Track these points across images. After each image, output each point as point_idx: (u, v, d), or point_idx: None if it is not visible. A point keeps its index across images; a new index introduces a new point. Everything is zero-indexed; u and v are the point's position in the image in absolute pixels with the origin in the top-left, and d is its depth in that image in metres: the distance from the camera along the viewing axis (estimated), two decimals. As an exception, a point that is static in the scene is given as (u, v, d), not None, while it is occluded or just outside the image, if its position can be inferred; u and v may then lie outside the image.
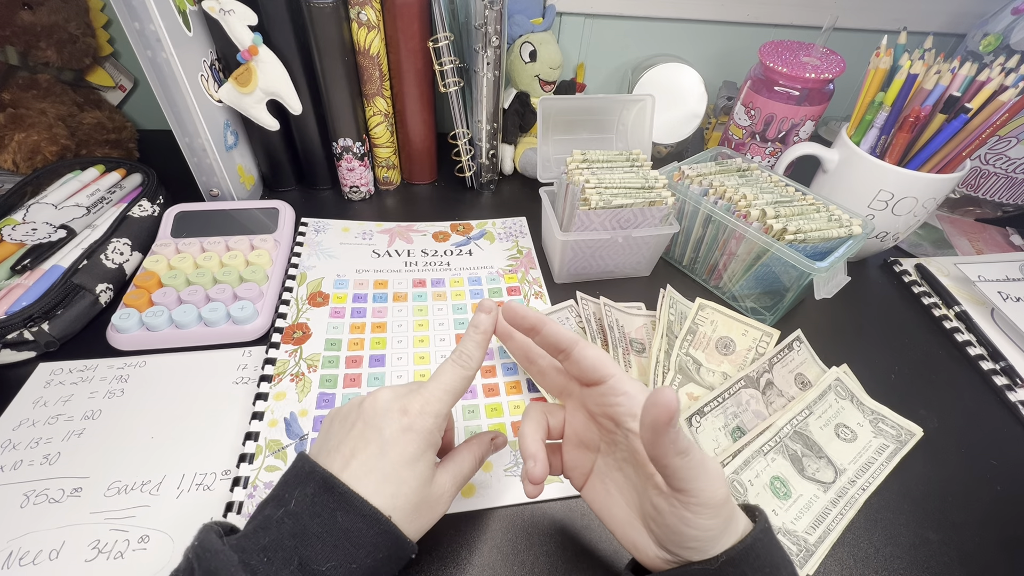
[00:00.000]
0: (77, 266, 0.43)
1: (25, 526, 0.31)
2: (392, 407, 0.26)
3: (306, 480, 0.25)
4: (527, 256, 0.55)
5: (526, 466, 0.28)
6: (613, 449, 0.28)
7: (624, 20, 0.69)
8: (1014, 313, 0.49)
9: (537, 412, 0.30)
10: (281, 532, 0.23)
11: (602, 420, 0.28)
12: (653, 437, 0.22)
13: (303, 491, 0.24)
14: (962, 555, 0.35)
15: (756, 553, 0.24)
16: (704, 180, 0.51)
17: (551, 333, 0.28)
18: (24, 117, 0.52)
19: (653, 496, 0.25)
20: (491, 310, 0.29)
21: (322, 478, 0.24)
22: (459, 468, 0.29)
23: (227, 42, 0.48)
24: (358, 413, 0.27)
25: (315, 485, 0.24)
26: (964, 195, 0.65)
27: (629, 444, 0.26)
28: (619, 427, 0.27)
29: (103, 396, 0.39)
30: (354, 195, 0.60)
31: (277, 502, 0.24)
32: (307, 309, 0.46)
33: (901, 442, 0.41)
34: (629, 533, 0.27)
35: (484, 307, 0.29)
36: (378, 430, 0.26)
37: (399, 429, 0.26)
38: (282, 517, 0.24)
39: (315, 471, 0.25)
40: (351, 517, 0.24)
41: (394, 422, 0.26)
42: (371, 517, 0.24)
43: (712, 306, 0.47)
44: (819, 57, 0.57)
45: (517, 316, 0.29)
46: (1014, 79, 0.44)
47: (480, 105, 0.56)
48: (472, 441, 0.31)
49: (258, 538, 0.23)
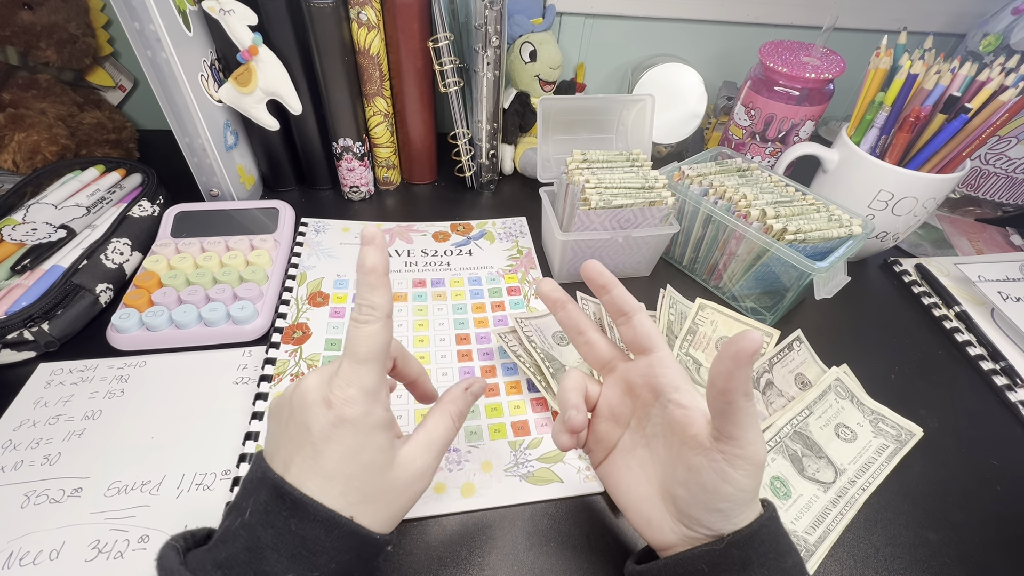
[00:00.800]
0: (77, 266, 0.43)
1: (25, 526, 0.31)
2: (315, 399, 0.23)
3: (259, 486, 0.23)
4: (527, 256, 0.55)
5: (567, 415, 0.28)
6: (644, 424, 0.29)
7: (624, 20, 0.69)
8: (1014, 313, 0.49)
9: (579, 375, 0.30)
10: (237, 546, 0.22)
11: (642, 392, 0.29)
12: (733, 368, 0.22)
13: (257, 499, 0.23)
14: (962, 555, 0.35)
15: (762, 538, 0.25)
16: (704, 180, 0.51)
17: (620, 295, 0.29)
18: (24, 117, 0.52)
19: (690, 457, 0.26)
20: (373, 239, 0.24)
21: (272, 484, 0.23)
22: (430, 436, 0.27)
23: (227, 42, 0.48)
24: (289, 408, 0.24)
25: (267, 491, 0.23)
26: (964, 195, 0.65)
27: (665, 415, 0.27)
28: (658, 398, 0.28)
29: (103, 396, 0.39)
30: (354, 195, 0.60)
31: (237, 511, 0.23)
32: (307, 309, 0.46)
33: (901, 442, 0.41)
34: (645, 508, 0.28)
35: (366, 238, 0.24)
36: (307, 429, 0.23)
37: (327, 424, 0.23)
38: (238, 529, 0.22)
39: (266, 476, 0.23)
40: (305, 524, 0.22)
41: (320, 417, 0.23)
42: (327, 521, 0.22)
43: (712, 306, 0.47)
44: (819, 57, 0.57)
45: (595, 272, 0.30)
46: (1014, 79, 0.44)
47: (480, 105, 0.56)
48: (443, 399, 0.29)
49: (216, 553, 0.22)
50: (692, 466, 0.25)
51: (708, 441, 0.25)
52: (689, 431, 0.26)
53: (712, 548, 0.25)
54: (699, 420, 0.26)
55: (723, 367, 0.23)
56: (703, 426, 0.26)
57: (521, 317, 0.44)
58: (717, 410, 0.24)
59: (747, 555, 0.24)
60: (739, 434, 0.24)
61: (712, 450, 0.25)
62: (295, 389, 0.24)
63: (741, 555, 0.24)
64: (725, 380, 0.23)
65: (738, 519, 0.25)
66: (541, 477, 0.37)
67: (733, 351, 0.23)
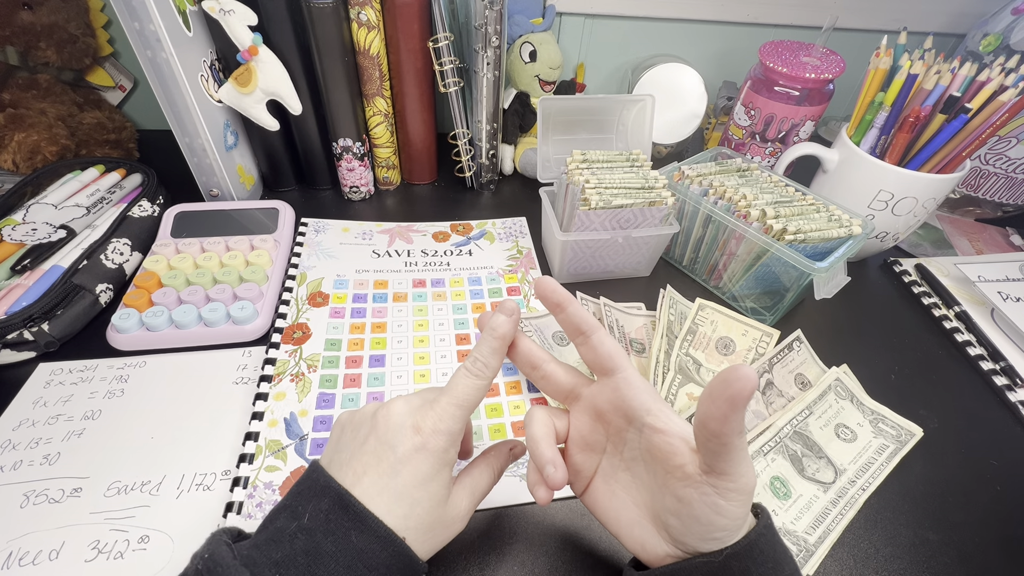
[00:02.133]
0: (77, 266, 0.43)
1: (25, 526, 0.31)
2: (405, 423, 0.25)
3: (321, 494, 0.24)
4: (527, 256, 0.55)
5: (545, 472, 0.26)
6: (621, 448, 0.28)
7: (624, 20, 0.69)
8: (1014, 313, 0.49)
9: (543, 415, 0.29)
10: (294, 548, 0.22)
11: (612, 417, 0.27)
12: (729, 412, 0.21)
13: (317, 505, 0.24)
14: (962, 555, 0.35)
15: (760, 548, 0.24)
16: (704, 180, 0.51)
17: (576, 313, 0.28)
18: (24, 117, 0.52)
19: (677, 488, 0.24)
20: (512, 312, 0.27)
21: (337, 494, 0.24)
22: (476, 484, 0.28)
23: (227, 42, 0.48)
24: (371, 425, 0.26)
25: (330, 501, 0.24)
26: (964, 195, 0.65)
27: (643, 440, 0.26)
28: (631, 423, 0.26)
29: (103, 396, 0.39)
30: (354, 195, 0.60)
31: (291, 514, 0.24)
32: (307, 309, 0.46)
33: (901, 442, 0.41)
34: (636, 533, 0.27)
35: (505, 309, 0.27)
36: (391, 448, 0.25)
37: (412, 448, 0.25)
38: (295, 531, 0.23)
39: (330, 486, 0.24)
40: (365, 537, 0.23)
41: (407, 440, 0.25)
42: (386, 538, 0.23)
43: (712, 306, 0.47)
44: (819, 57, 0.57)
45: (547, 290, 0.28)
46: (1014, 79, 0.44)
47: (480, 105, 0.56)
48: (489, 453, 0.30)
49: (270, 552, 0.22)
50: (682, 498, 0.24)
51: (697, 474, 0.24)
52: (673, 460, 0.24)
53: (711, 560, 0.24)
54: (681, 448, 0.24)
55: (717, 410, 0.21)
56: (687, 455, 0.24)
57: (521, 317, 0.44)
58: (709, 451, 0.23)
59: (746, 566, 0.24)
60: (732, 469, 0.23)
61: (702, 483, 0.23)
62: (380, 409, 0.26)
63: (740, 567, 0.24)
64: (720, 424, 0.22)
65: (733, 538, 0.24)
66: (541, 477, 0.37)
67: (729, 394, 0.21)
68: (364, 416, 0.27)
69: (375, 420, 0.26)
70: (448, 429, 0.25)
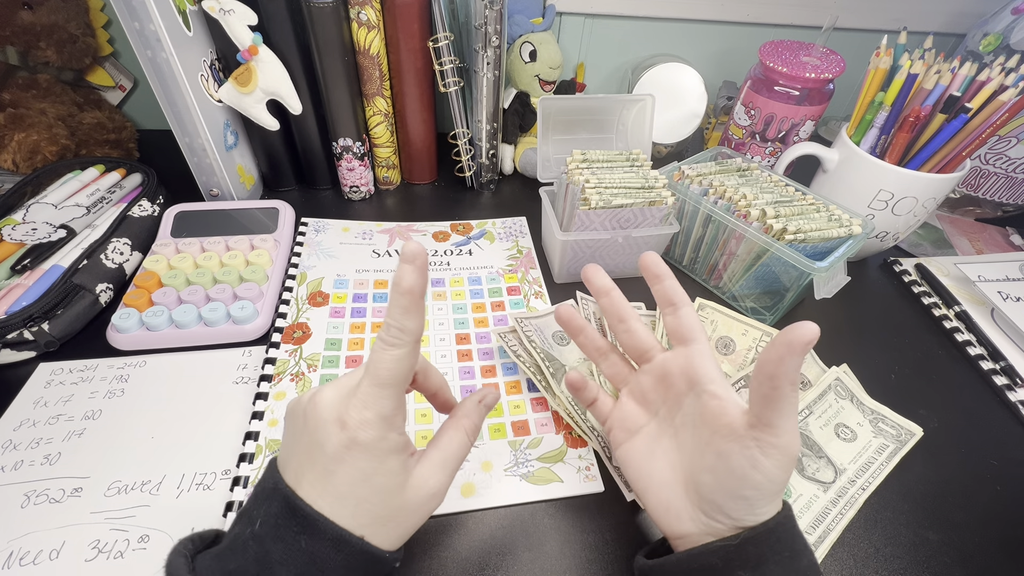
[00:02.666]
0: (77, 266, 0.43)
1: (25, 526, 0.31)
2: (330, 418, 0.23)
3: (271, 497, 0.23)
4: (527, 256, 0.55)
5: None
6: (674, 413, 0.30)
7: (624, 20, 0.69)
8: (1014, 313, 0.49)
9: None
10: (247, 557, 0.22)
11: (677, 381, 0.29)
12: (785, 354, 0.23)
13: (268, 509, 0.23)
14: (962, 555, 0.35)
15: (778, 536, 0.24)
16: (704, 180, 0.51)
17: (672, 287, 0.30)
18: (24, 117, 0.52)
19: (720, 444, 0.26)
20: (415, 257, 0.22)
21: (284, 497, 0.22)
22: (444, 453, 0.26)
23: (227, 42, 0.48)
24: (304, 419, 0.24)
25: (278, 504, 0.23)
26: (964, 195, 0.65)
27: (699, 404, 0.27)
28: (693, 388, 0.28)
29: (103, 396, 0.39)
30: (354, 195, 0.60)
31: (247, 518, 0.23)
32: (307, 309, 0.46)
33: (901, 442, 0.41)
34: (664, 494, 0.28)
35: (407, 255, 0.22)
36: (320, 447, 0.23)
37: (340, 446, 0.22)
38: (247, 539, 0.22)
39: (278, 488, 0.23)
40: (315, 541, 0.22)
41: (333, 437, 0.22)
42: (338, 539, 0.22)
43: (712, 306, 0.47)
44: (819, 57, 0.57)
45: (652, 263, 0.31)
46: (1014, 79, 0.44)
47: (480, 105, 0.56)
48: (456, 413, 0.28)
49: (225, 562, 0.22)
50: (722, 452, 0.25)
51: (742, 429, 0.25)
52: (722, 419, 0.26)
53: (727, 544, 0.24)
54: (733, 410, 0.26)
55: (775, 353, 0.23)
56: (737, 416, 0.26)
57: (521, 317, 0.44)
58: (761, 395, 0.24)
59: (762, 552, 0.24)
60: (778, 422, 0.24)
61: (745, 437, 0.25)
62: (311, 401, 0.24)
63: (756, 552, 0.24)
64: (775, 365, 0.23)
65: (761, 511, 0.25)
66: (541, 477, 0.37)
67: (788, 338, 0.23)
68: (300, 408, 0.24)
69: (306, 413, 0.24)
70: (376, 416, 0.22)
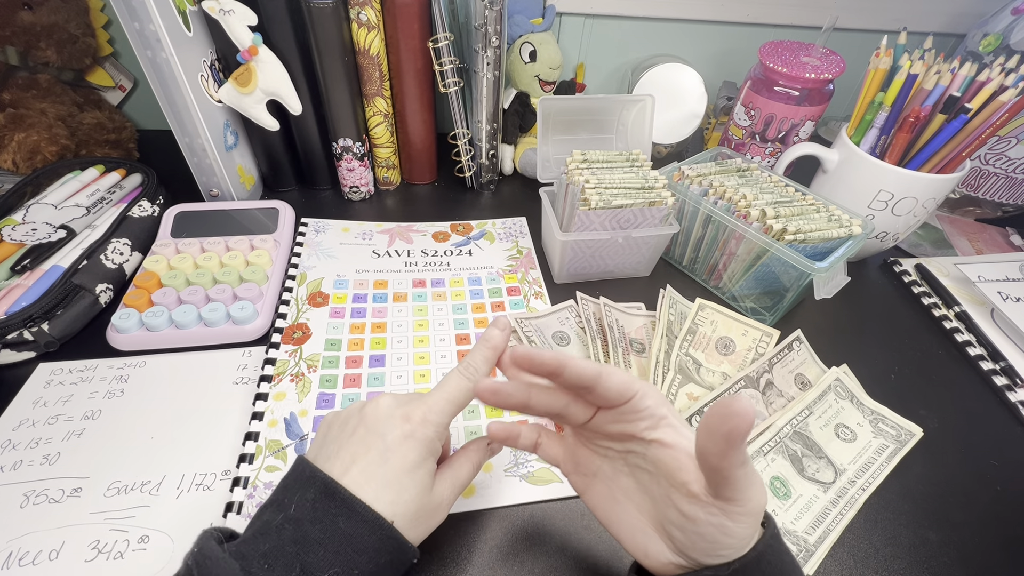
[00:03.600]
0: (77, 266, 0.43)
1: (25, 526, 0.31)
2: (395, 413, 0.26)
3: (306, 485, 0.24)
4: (527, 256, 0.55)
5: None
6: (624, 453, 0.27)
7: (624, 20, 0.69)
8: (1014, 313, 0.49)
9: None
10: (282, 538, 0.23)
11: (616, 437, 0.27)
12: (726, 449, 0.20)
13: (303, 496, 0.24)
14: (962, 555, 0.35)
15: (767, 560, 0.24)
16: (704, 180, 0.51)
17: (574, 370, 0.24)
18: (24, 117, 0.52)
19: (684, 505, 0.24)
20: (505, 328, 0.29)
21: (323, 483, 0.24)
22: (457, 475, 0.29)
23: (227, 42, 0.48)
24: (359, 418, 0.27)
25: (315, 490, 0.24)
26: (964, 195, 0.65)
27: (650, 455, 0.25)
28: (636, 440, 0.25)
29: (103, 396, 0.39)
30: (354, 195, 0.60)
31: (277, 507, 0.24)
32: (307, 309, 0.46)
33: (901, 442, 0.41)
34: (639, 539, 0.26)
35: (498, 324, 0.29)
36: (380, 436, 0.26)
37: (401, 436, 0.26)
38: (282, 523, 0.23)
39: (316, 475, 0.25)
40: (353, 523, 0.23)
41: (396, 428, 0.26)
42: (373, 522, 0.24)
43: (712, 306, 0.47)
44: (819, 57, 0.57)
45: (535, 362, 0.25)
46: (1014, 79, 0.44)
47: (480, 105, 0.56)
48: (469, 447, 0.31)
49: (258, 544, 0.23)
50: (687, 514, 0.24)
51: (703, 494, 0.23)
52: (678, 477, 0.24)
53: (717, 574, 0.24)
54: (688, 464, 0.24)
55: (715, 447, 0.21)
56: (693, 472, 0.23)
57: (521, 317, 0.44)
58: (712, 481, 0.22)
59: None
60: (739, 496, 0.22)
61: (709, 504, 0.23)
62: (369, 404, 0.27)
63: None
64: (719, 459, 0.21)
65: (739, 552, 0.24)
66: (541, 477, 0.37)
67: (725, 431, 0.20)
68: (352, 411, 0.28)
69: (363, 413, 0.27)
70: (437, 420, 0.27)
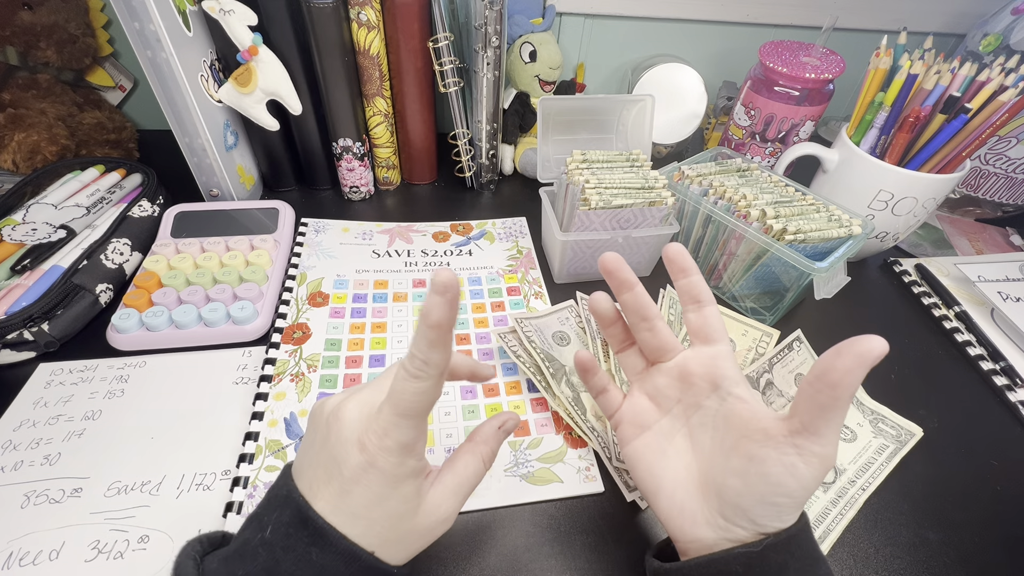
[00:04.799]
0: (77, 266, 0.43)
1: (25, 526, 0.31)
2: (351, 438, 0.23)
3: (283, 504, 0.23)
4: (527, 256, 0.55)
5: None
6: (690, 413, 0.29)
7: (624, 20, 0.69)
8: (1014, 313, 0.49)
9: None
10: (256, 564, 0.22)
11: (699, 381, 0.28)
12: (855, 366, 0.22)
13: (280, 517, 0.23)
14: (962, 555, 0.35)
15: (799, 543, 0.24)
16: (704, 180, 0.51)
17: (698, 283, 0.29)
18: (24, 117, 0.52)
19: (752, 448, 0.25)
20: (446, 289, 0.21)
21: (296, 507, 0.22)
22: (459, 479, 0.26)
23: (227, 42, 0.48)
24: (325, 432, 0.24)
25: (291, 513, 0.23)
26: (964, 195, 0.65)
27: (724, 407, 0.27)
28: (716, 390, 0.27)
29: (103, 396, 0.39)
30: (354, 195, 0.60)
31: (257, 524, 0.23)
32: (307, 309, 0.46)
33: (901, 442, 0.41)
34: (679, 496, 0.27)
35: (438, 286, 0.21)
36: (338, 465, 0.22)
37: (358, 468, 0.22)
38: (257, 546, 0.22)
39: (291, 496, 0.23)
40: (326, 555, 0.22)
41: (353, 458, 0.22)
42: (348, 554, 0.22)
43: (712, 306, 0.47)
44: (819, 57, 0.57)
45: (679, 255, 0.29)
46: (1014, 79, 0.44)
47: (480, 105, 0.56)
48: (474, 438, 0.28)
49: (233, 567, 0.22)
50: (755, 457, 0.25)
51: (779, 434, 0.24)
52: (755, 424, 0.25)
53: (749, 550, 0.24)
54: (765, 415, 0.26)
55: (843, 363, 0.22)
56: (771, 421, 0.25)
57: (521, 317, 0.44)
58: (816, 403, 0.23)
59: (784, 560, 0.24)
60: (825, 431, 0.23)
61: (783, 443, 0.24)
62: (334, 413, 0.24)
63: (778, 559, 0.24)
64: (842, 375, 0.22)
65: (787, 518, 0.24)
66: (541, 477, 0.37)
67: (859, 350, 0.22)
68: (322, 418, 0.24)
69: (328, 426, 0.23)
70: (396, 444, 0.22)
